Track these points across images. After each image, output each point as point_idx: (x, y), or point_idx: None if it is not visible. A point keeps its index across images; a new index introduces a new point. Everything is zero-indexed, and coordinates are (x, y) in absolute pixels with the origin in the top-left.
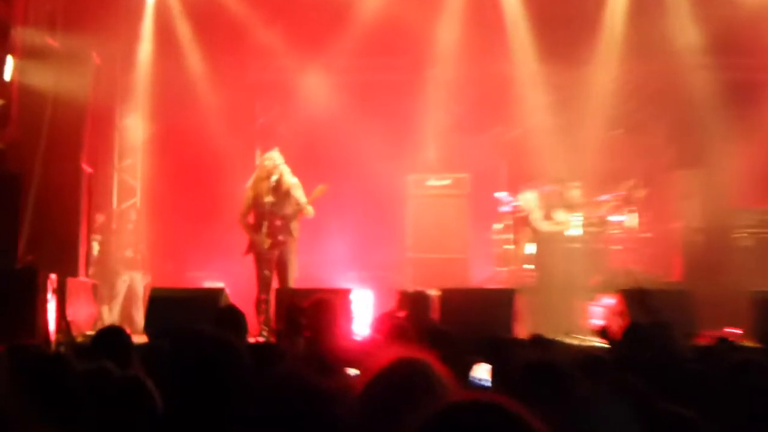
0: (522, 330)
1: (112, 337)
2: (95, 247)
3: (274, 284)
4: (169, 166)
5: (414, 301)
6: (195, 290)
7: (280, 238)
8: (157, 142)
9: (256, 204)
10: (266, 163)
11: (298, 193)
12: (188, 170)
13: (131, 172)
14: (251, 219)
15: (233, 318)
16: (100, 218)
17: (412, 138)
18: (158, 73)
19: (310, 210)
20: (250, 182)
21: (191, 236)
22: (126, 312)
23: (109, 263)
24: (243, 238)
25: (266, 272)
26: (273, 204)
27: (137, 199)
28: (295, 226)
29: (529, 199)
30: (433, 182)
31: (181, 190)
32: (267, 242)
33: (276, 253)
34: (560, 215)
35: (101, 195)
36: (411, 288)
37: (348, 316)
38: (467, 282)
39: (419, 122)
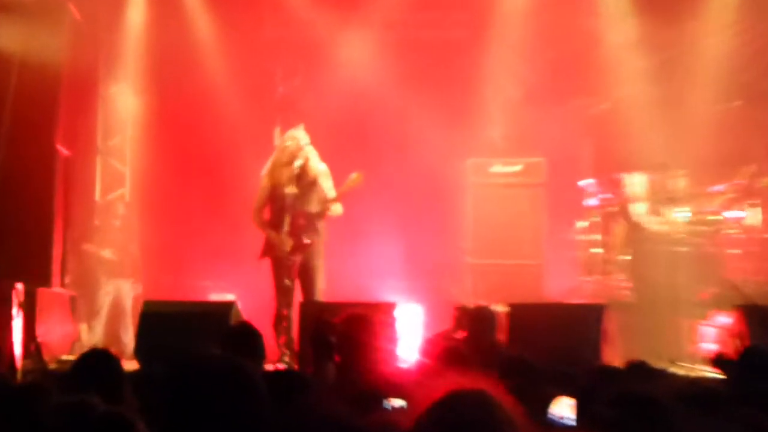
0: (614, 356)
1: (97, 362)
2: (74, 250)
3: (297, 297)
4: (166, 148)
5: (475, 319)
6: (198, 304)
7: (305, 239)
8: (151, 118)
9: (274, 196)
10: (288, 144)
11: (327, 184)
12: (190, 153)
13: (119, 155)
14: (268, 215)
15: (247, 339)
16: (80, 212)
17: (472, 113)
18: (153, 31)
19: (337, 208)
20: (267, 168)
21: (194, 236)
22: (111, 331)
23: (91, 270)
24: (258, 239)
25: (287, 281)
26: (296, 196)
27: (126, 190)
28: (322, 224)
29: (637, 185)
30: (499, 168)
31: (181, 179)
32: (288, 244)
33: (299, 257)
34: (670, 211)
35: (81, 184)
36: (471, 303)
37: (390, 336)
38: (543, 295)
39: (482, 93)
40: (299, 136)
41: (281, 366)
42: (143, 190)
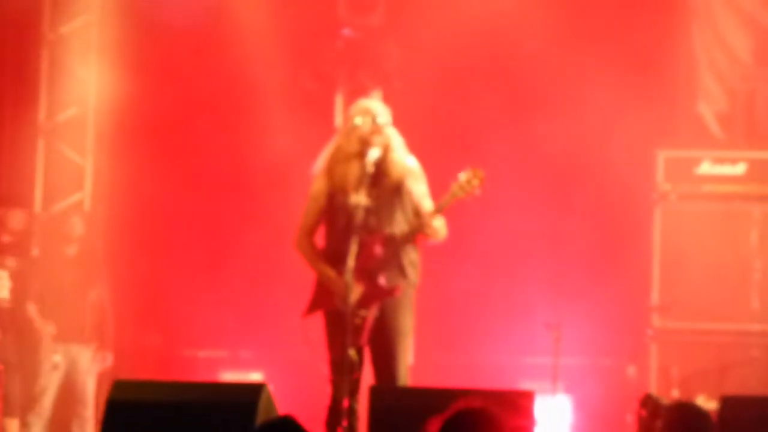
0: None
1: None
2: (3, 286)
3: (368, 379)
4: (153, 127)
5: (678, 424)
6: (205, 388)
7: (381, 281)
8: (129, 77)
9: (333, 210)
10: (357, 123)
11: (420, 190)
12: (192, 136)
13: (73, 138)
14: (322, 241)
15: None
16: (15, 222)
17: (666, 76)
18: None
19: (439, 227)
20: (322, 164)
21: (196, 275)
22: (60, 429)
23: (25, 329)
24: (304, 281)
25: (352, 353)
26: (369, 211)
27: (85, 195)
28: (412, 257)
29: None
30: (710, 168)
31: (176, 179)
32: (355, 290)
33: (372, 312)
34: None
35: (12, 182)
36: (664, 394)
37: None
38: None
39: (683, 44)
40: (375, 109)
41: None
42: (114, 196)
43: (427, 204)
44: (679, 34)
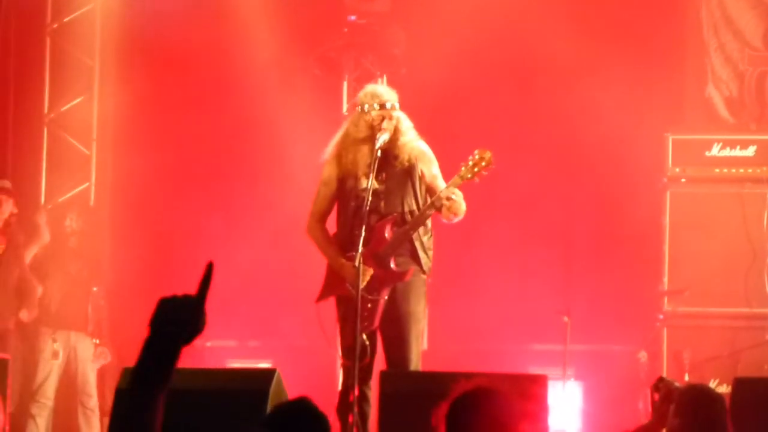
0: None
1: None
2: None
3: (379, 364)
4: (161, 117)
5: (693, 407)
6: (213, 375)
7: (393, 266)
8: (137, 64)
9: (344, 195)
10: (366, 108)
11: (432, 172)
12: (198, 124)
13: (79, 128)
14: (334, 226)
15: (305, 430)
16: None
17: (674, 56)
18: None
19: (456, 203)
20: (331, 150)
21: (201, 264)
22: (65, 420)
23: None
24: (315, 267)
25: (363, 338)
26: (379, 194)
27: (91, 186)
28: (425, 241)
29: None
30: (719, 151)
31: (184, 168)
32: (366, 275)
33: (383, 296)
34: None
35: (17, 172)
36: (677, 379)
37: (538, 428)
38: None
39: (692, 25)
40: (383, 94)
41: None
42: (119, 187)
43: (440, 185)
44: (688, 17)
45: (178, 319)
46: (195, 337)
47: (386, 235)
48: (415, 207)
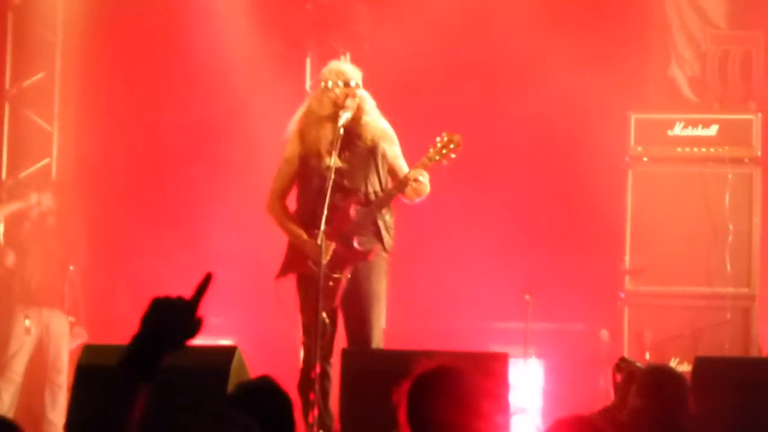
0: None
1: None
2: None
3: (340, 342)
4: (124, 93)
5: (656, 387)
6: (174, 352)
7: (356, 245)
8: (97, 41)
9: (306, 172)
10: (329, 84)
11: (394, 152)
12: (161, 100)
13: (41, 104)
14: (295, 203)
15: (268, 408)
16: None
17: (636, 36)
18: None
19: (421, 185)
20: (293, 127)
21: (166, 240)
22: (31, 400)
23: None
24: (276, 244)
25: (323, 316)
26: (342, 172)
27: (52, 161)
28: (387, 220)
29: None
30: (682, 131)
31: (147, 143)
32: (329, 253)
33: (345, 275)
34: None
35: None
36: (639, 358)
37: (499, 405)
38: (757, 344)
39: (647, 16)
40: (347, 72)
41: None
42: (82, 162)
43: (402, 165)
44: None
45: (169, 321)
46: (186, 341)
47: (351, 214)
48: (378, 186)
